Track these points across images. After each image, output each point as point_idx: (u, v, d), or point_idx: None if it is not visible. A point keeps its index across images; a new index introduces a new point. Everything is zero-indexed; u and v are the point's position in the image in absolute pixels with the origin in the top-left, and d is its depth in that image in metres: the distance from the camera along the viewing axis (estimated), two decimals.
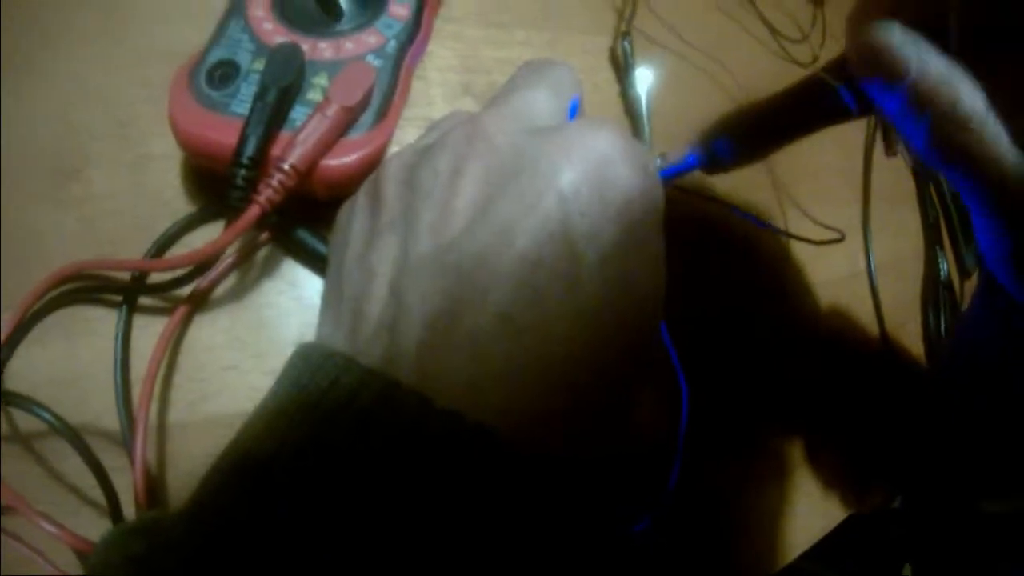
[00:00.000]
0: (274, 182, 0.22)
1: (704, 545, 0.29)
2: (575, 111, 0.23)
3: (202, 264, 0.25)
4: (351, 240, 0.21)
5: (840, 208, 0.39)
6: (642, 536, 0.26)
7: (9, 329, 0.22)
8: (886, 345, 0.35)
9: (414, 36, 0.27)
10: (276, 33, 0.26)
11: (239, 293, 0.27)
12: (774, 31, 0.43)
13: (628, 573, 0.25)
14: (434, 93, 0.30)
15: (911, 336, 0.38)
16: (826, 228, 0.33)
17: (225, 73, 0.25)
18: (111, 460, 0.23)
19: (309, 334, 0.26)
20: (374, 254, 0.19)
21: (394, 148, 0.27)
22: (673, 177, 0.25)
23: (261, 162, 0.23)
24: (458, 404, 0.15)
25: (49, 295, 0.24)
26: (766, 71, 0.40)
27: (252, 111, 0.23)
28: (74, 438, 0.23)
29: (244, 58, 0.25)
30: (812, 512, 0.32)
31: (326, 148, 0.23)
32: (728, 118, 0.25)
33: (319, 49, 0.25)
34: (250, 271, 0.27)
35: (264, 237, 0.27)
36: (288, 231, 0.27)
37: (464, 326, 0.17)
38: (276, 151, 0.23)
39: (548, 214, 0.17)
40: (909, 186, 0.45)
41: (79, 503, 0.23)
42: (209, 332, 0.26)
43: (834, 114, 0.22)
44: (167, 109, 0.25)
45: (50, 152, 0.28)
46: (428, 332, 0.17)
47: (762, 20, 0.43)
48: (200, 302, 0.26)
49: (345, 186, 0.24)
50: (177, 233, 0.27)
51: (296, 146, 0.22)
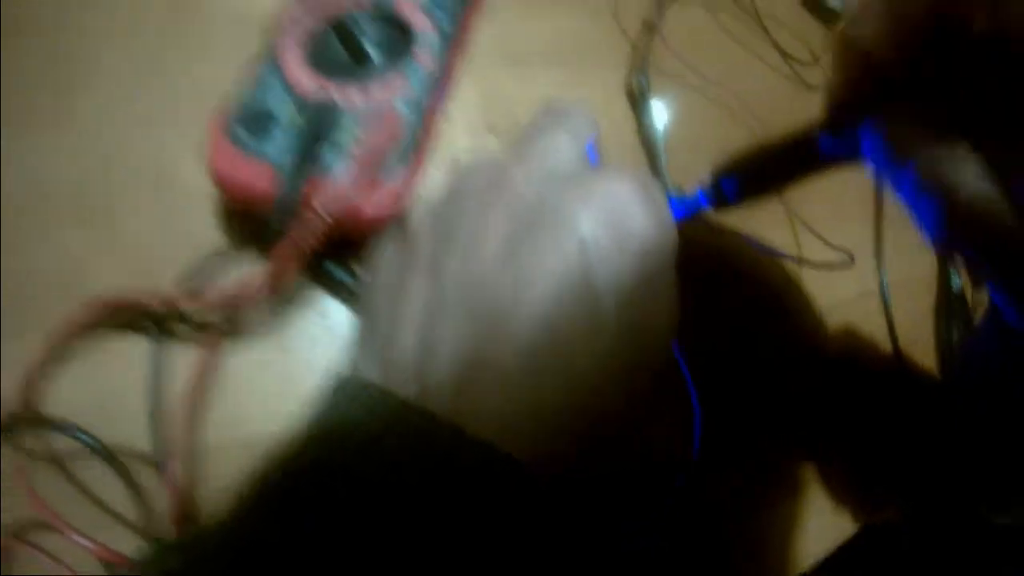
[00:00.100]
0: (312, 228, 0.23)
1: (714, 561, 0.30)
2: (592, 151, 0.24)
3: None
4: (383, 281, 0.22)
5: (853, 224, 0.39)
6: (647, 544, 0.27)
7: (44, 355, 0.24)
8: (899, 361, 0.36)
9: (440, 81, 0.28)
10: (308, 80, 0.27)
11: (272, 323, 0.28)
12: (785, 55, 0.44)
13: None
14: (457, 132, 0.31)
15: (923, 352, 0.38)
16: (836, 249, 0.34)
17: (260, 119, 0.26)
18: (144, 480, 0.24)
19: (337, 361, 0.27)
20: (405, 296, 0.20)
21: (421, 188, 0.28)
22: (685, 217, 0.27)
23: (299, 208, 0.24)
24: (487, 436, 0.17)
25: (86, 325, 0.25)
26: (780, 97, 0.41)
27: (290, 160, 0.24)
28: (110, 458, 0.24)
29: (278, 104, 0.27)
30: (823, 527, 0.32)
31: (359, 194, 0.24)
32: (735, 160, 0.26)
33: (349, 95, 0.27)
34: (281, 303, 0.28)
35: None
36: (317, 264, 0.28)
37: (491, 364, 0.18)
38: (312, 197, 0.24)
39: (569, 261, 0.18)
40: None
41: (111, 521, 0.24)
42: (240, 358, 0.27)
43: (828, 161, 0.23)
44: (206, 155, 0.26)
45: (84, 186, 0.30)
46: (457, 369, 0.18)
47: (773, 45, 0.44)
48: (232, 330, 0.27)
49: (375, 228, 0.25)
50: (209, 266, 0.28)
51: (331, 194, 0.23)
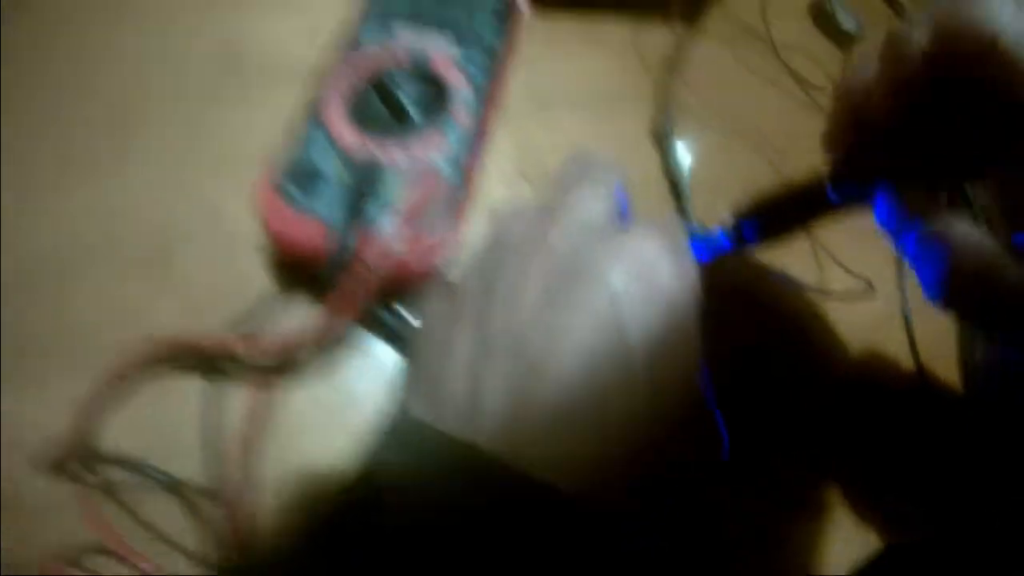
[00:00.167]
0: (364, 281, 0.25)
1: None
2: (619, 198, 0.26)
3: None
4: (433, 330, 0.24)
5: (874, 245, 0.40)
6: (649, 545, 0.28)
7: (101, 392, 0.26)
8: (922, 379, 0.37)
9: (476, 137, 0.30)
10: (352, 138, 0.29)
11: (324, 363, 0.30)
12: (801, 81, 0.45)
13: None
14: (491, 180, 0.33)
15: (947, 369, 0.39)
16: (856, 277, 0.35)
17: (309, 176, 0.28)
18: (201, 510, 0.26)
19: (385, 398, 0.29)
20: (455, 341, 0.22)
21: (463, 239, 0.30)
22: (706, 258, 0.28)
23: (350, 262, 0.26)
24: (529, 466, 0.19)
25: (143, 366, 0.28)
26: (797, 125, 0.42)
27: (338, 215, 0.26)
28: (175, 489, 0.26)
29: (325, 162, 0.29)
30: (847, 546, 0.32)
31: (406, 250, 0.26)
32: (753, 204, 0.27)
33: (392, 153, 0.29)
34: (333, 345, 0.30)
35: None
36: (365, 309, 0.30)
37: (533, 407, 0.20)
38: (363, 252, 0.26)
39: (602, 312, 0.20)
40: None
41: (169, 549, 0.26)
42: (295, 396, 0.29)
43: (839, 207, 0.24)
44: (259, 211, 0.28)
45: (143, 235, 0.32)
46: (503, 411, 0.20)
47: (789, 72, 0.45)
48: (287, 370, 0.29)
49: (419, 279, 0.27)
50: (263, 311, 0.30)
51: (382, 251, 0.25)
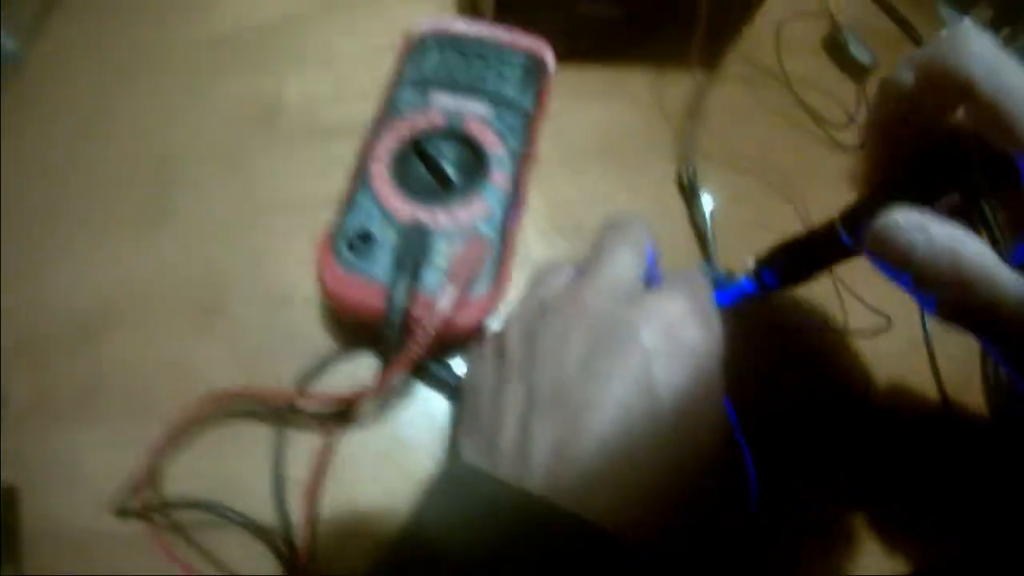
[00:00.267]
0: (419, 342, 0.27)
1: None
2: (651, 257, 0.28)
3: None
4: (484, 383, 0.27)
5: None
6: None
7: (167, 439, 0.29)
8: (946, 405, 0.38)
9: (515, 200, 0.32)
10: (401, 205, 0.31)
11: (379, 412, 0.32)
12: (818, 119, 0.47)
13: None
14: (529, 235, 0.35)
15: (972, 393, 0.40)
16: (875, 312, 0.36)
17: (362, 241, 0.31)
18: (266, 550, 0.28)
19: (440, 444, 0.32)
20: (504, 396, 0.25)
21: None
22: (731, 302, 0.30)
23: (405, 321, 0.28)
24: (573, 507, 0.21)
25: (205, 413, 0.30)
26: (815, 163, 0.43)
27: (392, 277, 0.29)
28: (257, 531, 0.28)
29: (376, 227, 0.31)
30: (877, 572, 0.33)
31: (456, 310, 0.28)
32: (773, 252, 0.29)
33: (438, 219, 0.31)
34: (388, 394, 0.32)
35: None
36: (418, 363, 0.32)
37: (575, 451, 0.22)
38: (416, 312, 0.28)
39: (635, 368, 0.23)
40: None
41: None
42: (353, 443, 0.32)
43: (853, 251, 0.26)
44: (317, 273, 0.31)
45: (198, 290, 0.35)
46: (550, 456, 0.23)
47: (807, 110, 0.47)
48: (345, 418, 0.32)
49: (470, 338, 0.29)
50: (322, 365, 0.33)
51: (434, 312, 0.28)
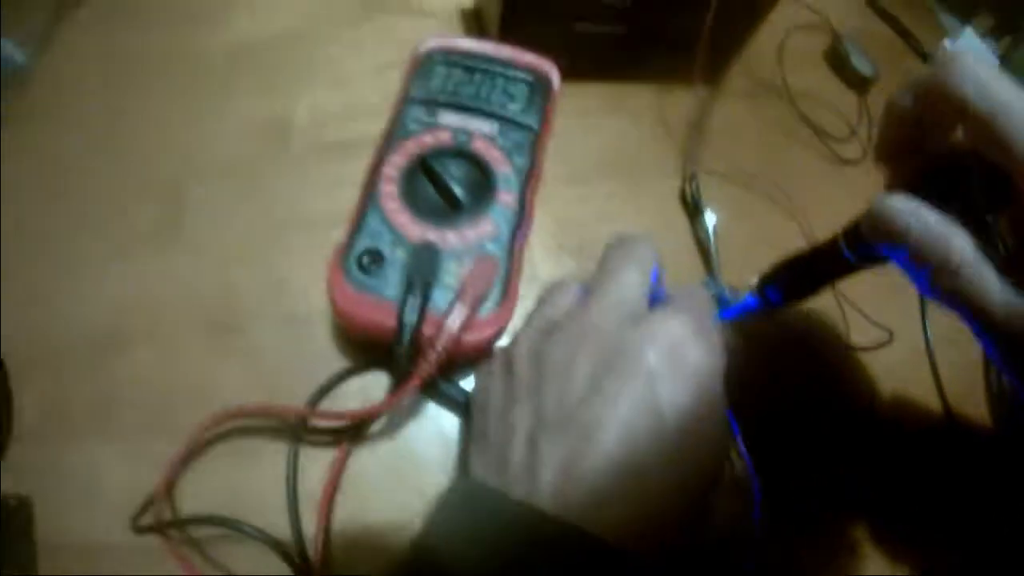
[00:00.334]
0: (430, 360, 0.28)
1: None
2: (656, 276, 0.29)
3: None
4: (492, 401, 0.27)
5: (895, 293, 0.42)
6: None
7: (181, 458, 0.29)
8: (949, 415, 0.38)
9: (521, 219, 0.33)
10: (410, 224, 0.32)
11: (390, 428, 0.33)
12: (820, 133, 0.47)
13: None
14: (535, 253, 0.35)
15: (975, 403, 0.40)
16: (878, 326, 0.37)
17: (372, 260, 0.31)
18: (279, 562, 0.29)
19: (449, 460, 0.32)
20: (513, 414, 0.26)
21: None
22: (735, 318, 0.30)
23: (416, 340, 0.29)
24: (580, 523, 0.22)
25: (218, 429, 0.31)
26: (817, 178, 0.44)
27: (404, 301, 0.29)
28: (271, 544, 0.28)
29: (386, 247, 0.32)
30: None
31: (466, 329, 0.29)
32: (776, 270, 0.30)
33: (447, 239, 0.32)
34: (398, 411, 0.33)
35: None
36: (429, 381, 0.32)
37: (582, 469, 0.23)
38: (426, 330, 0.29)
39: (639, 388, 0.24)
40: None
41: None
42: (365, 458, 0.32)
43: (855, 266, 0.27)
44: (328, 292, 0.31)
45: (211, 307, 0.35)
46: (558, 473, 0.23)
47: (809, 124, 0.47)
48: (357, 436, 0.32)
49: (478, 356, 0.30)
50: (334, 382, 0.33)
51: (444, 331, 0.28)
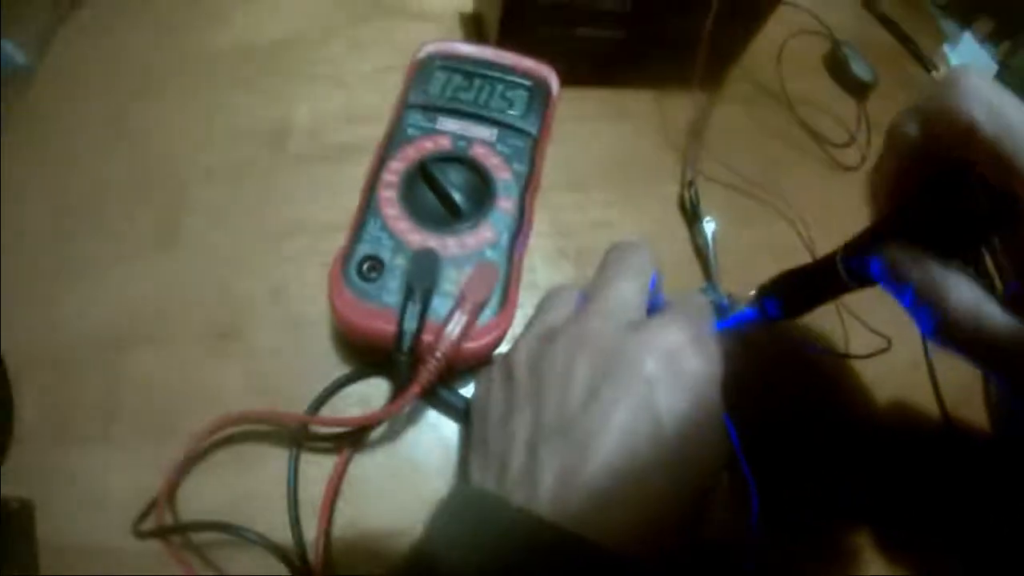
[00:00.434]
0: (430, 367, 0.28)
1: None
2: (654, 283, 0.29)
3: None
4: (491, 408, 0.27)
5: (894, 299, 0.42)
6: None
7: (181, 463, 0.30)
8: (947, 421, 0.38)
9: (521, 225, 0.33)
10: (410, 231, 0.32)
11: (390, 435, 0.33)
12: (819, 139, 0.47)
13: None
14: (535, 259, 0.36)
15: (974, 410, 0.40)
16: (876, 333, 0.37)
17: (372, 267, 0.31)
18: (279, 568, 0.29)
19: (449, 466, 0.32)
20: (513, 422, 0.26)
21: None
22: (733, 328, 0.31)
23: (416, 347, 0.29)
24: (580, 530, 0.22)
25: (220, 434, 0.31)
26: (816, 184, 0.44)
27: (404, 308, 0.29)
28: (271, 549, 0.28)
29: (386, 253, 0.32)
30: None
31: (465, 336, 0.29)
32: (775, 284, 0.30)
33: (447, 246, 0.32)
34: (399, 417, 0.33)
35: None
36: (429, 388, 0.32)
37: (582, 476, 0.23)
38: (426, 337, 0.29)
39: (637, 395, 0.24)
40: None
41: None
42: (366, 464, 0.32)
43: (852, 285, 0.27)
44: (329, 299, 0.31)
45: (212, 311, 0.35)
46: (557, 480, 0.23)
47: (808, 130, 0.47)
48: (358, 443, 0.32)
49: (478, 362, 0.30)
50: (335, 389, 0.33)
51: (444, 338, 0.28)
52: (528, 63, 0.39)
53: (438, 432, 0.33)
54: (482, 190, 0.34)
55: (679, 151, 0.43)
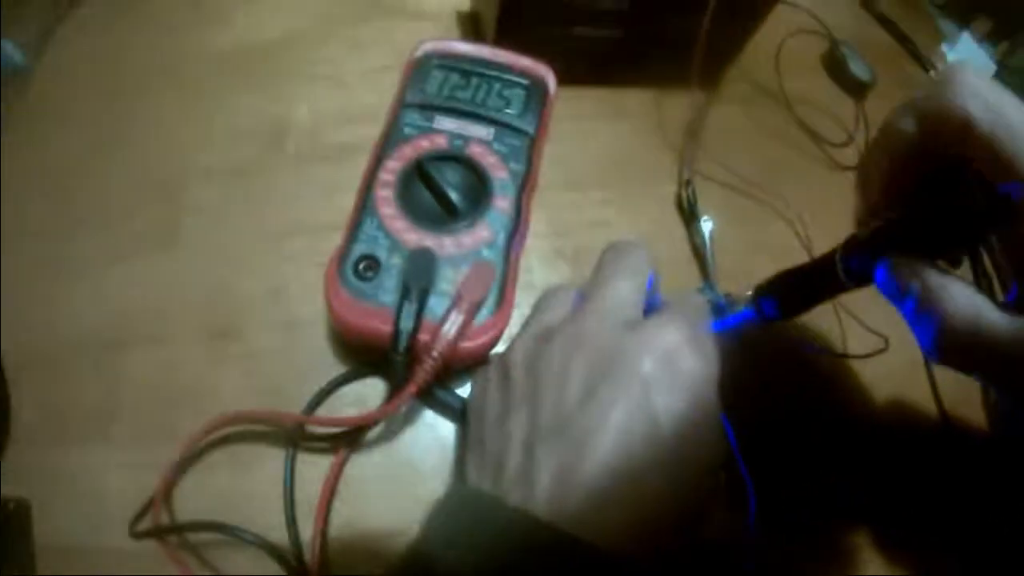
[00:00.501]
0: (426, 367, 0.28)
1: None
2: (651, 283, 0.29)
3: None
4: (488, 408, 0.27)
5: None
6: None
7: (178, 463, 0.30)
8: (945, 421, 0.38)
9: (517, 225, 0.33)
10: (406, 231, 0.32)
11: (387, 434, 0.33)
12: (817, 138, 0.47)
13: None
14: (531, 259, 0.36)
15: (973, 409, 0.40)
16: (874, 333, 0.36)
17: (368, 266, 0.31)
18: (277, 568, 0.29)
19: (446, 466, 0.32)
20: (509, 422, 0.26)
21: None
22: (730, 328, 0.31)
23: (412, 347, 0.29)
24: (576, 530, 0.22)
25: (216, 434, 0.31)
26: (814, 184, 0.44)
27: (400, 308, 0.29)
28: (268, 549, 0.28)
29: (383, 253, 0.32)
30: None
31: (462, 336, 0.29)
32: (772, 283, 0.30)
33: (444, 246, 0.32)
34: (395, 417, 0.33)
35: None
36: (426, 388, 0.32)
37: (578, 476, 0.23)
38: (423, 337, 0.29)
39: (635, 395, 0.24)
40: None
41: None
42: (363, 465, 0.32)
43: (850, 285, 0.27)
44: (325, 299, 0.31)
45: (209, 311, 0.35)
46: (554, 480, 0.23)
47: (806, 130, 0.47)
48: (354, 443, 0.32)
49: (474, 362, 0.30)
50: (331, 389, 0.33)
51: (440, 338, 0.28)
52: (525, 62, 0.39)
53: (435, 432, 0.33)
54: (479, 189, 0.34)
55: (677, 151, 0.43)
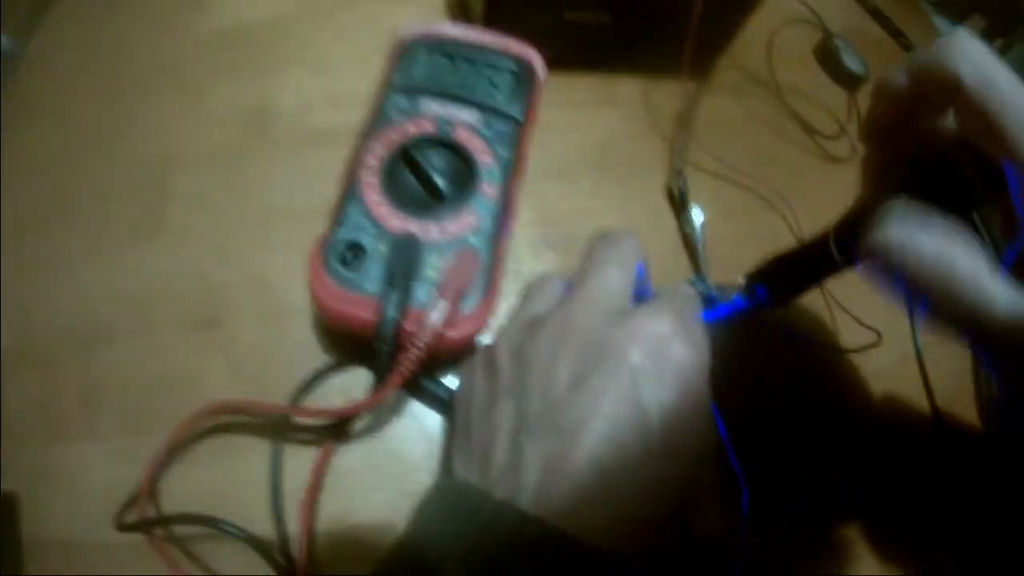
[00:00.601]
0: (411, 356, 0.27)
1: None
2: (641, 273, 0.28)
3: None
4: (475, 399, 0.27)
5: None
6: None
7: (163, 455, 0.29)
8: (937, 417, 0.38)
9: (504, 212, 0.32)
10: (392, 217, 0.31)
11: (373, 426, 0.32)
12: (809, 130, 0.47)
13: None
14: (519, 248, 0.35)
15: (965, 405, 0.39)
16: (866, 327, 0.36)
17: (353, 253, 0.30)
18: (262, 562, 0.28)
19: (433, 458, 0.32)
20: (496, 413, 0.25)
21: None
22: (721, 319, 0.30)
23: (397, 335, 0.28)
24: (564, 524, 0.21)
25: (201, 425, 0.30)
26: (806, 175, 0.44)
27: (385, 296, 0.29)
28: (256, 544, 0.28)
29: (368, 240, 0.31)
30: None
31: (447, 324, 0.28)
32: (764, 269, 0.29)
33: (429, 232, 0.31)
34: (381, 408, 0.33)
35: None
36: (412, 379, 0.31)
37: (566, 467, 0.22)
38: (407, 325, 0.28)
39: (623, 385, 0.23)
40: None
41: None
42: (349, 458, 0.32)
43: (843, 265, 0.26)
44: (310, 287, 0.31)
45: (194, 301, 0.35)
46: (541, 472, 0.23)
47: (798, 121, 0.47)
48: (340, 434, 0.32)
49: (461, 352, 0.29)
50: (316, 379, 0.33)
51: (426, 327, 0.28)
52: (514, 45, 0.38)
53: (421, 424, 0.33)
54: (465, 175, 0.33)
55: (667, 140, 0.42)
